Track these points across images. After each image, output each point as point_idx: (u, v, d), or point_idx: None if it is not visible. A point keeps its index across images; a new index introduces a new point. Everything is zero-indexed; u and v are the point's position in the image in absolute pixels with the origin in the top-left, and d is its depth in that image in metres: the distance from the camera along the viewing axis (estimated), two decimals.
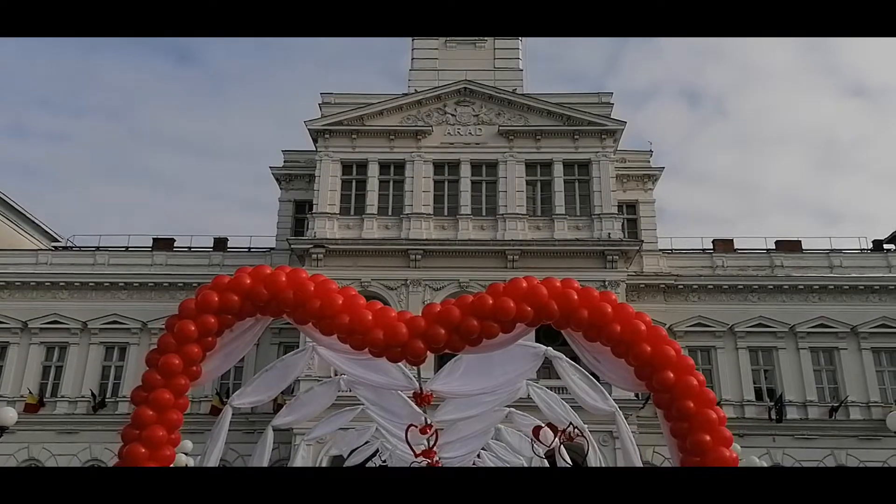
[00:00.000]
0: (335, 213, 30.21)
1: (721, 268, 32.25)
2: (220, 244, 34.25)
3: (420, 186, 30.49)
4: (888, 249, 34.00)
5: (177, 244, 34.46)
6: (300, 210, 33.53)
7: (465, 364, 7.33)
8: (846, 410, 29.78)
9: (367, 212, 30.25)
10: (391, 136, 31.23)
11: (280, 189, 34.50)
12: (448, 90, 31.74)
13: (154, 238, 34.69)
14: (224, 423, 7.09)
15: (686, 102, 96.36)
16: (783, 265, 32.08)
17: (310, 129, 31.20)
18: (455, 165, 31.14)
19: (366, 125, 31.33)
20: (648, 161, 34.64)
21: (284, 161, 34.89)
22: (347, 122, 31.22)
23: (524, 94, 32.36)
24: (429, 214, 30.18)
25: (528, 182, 30.99)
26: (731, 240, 34.17)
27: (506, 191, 30.43)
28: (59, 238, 38.32)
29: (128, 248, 34.42)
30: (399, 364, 6.72)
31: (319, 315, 5.29)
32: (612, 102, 32.19)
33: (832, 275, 31.60)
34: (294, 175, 34.25)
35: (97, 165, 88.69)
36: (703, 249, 33.74)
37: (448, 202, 30.73)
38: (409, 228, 29.81)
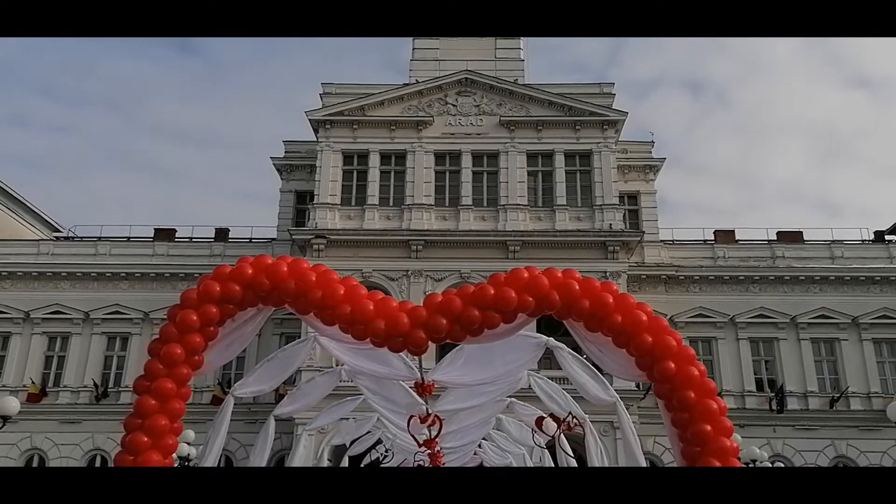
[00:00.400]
0: (336, 204, 30.21)
1: (722, 259, 32.26)
2: (222, 235, 34.28)
3: (421, 177, 30.47)
4: (889, 240, 33.99)
5: (178, 235, 34.51)
6: (301, 200, 33.52)
7: (467, 354, 7.34)
8: (847, 401, 29.84)
9: (369, 202, 30.25)
10: (392, 127, 31.19)
11: (281, 179, 34.47)
12: (449, 80, 31.67)
13: (155, 229, 34.71)
14: (226, 413, 7.11)
15: (688, 93, 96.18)
16: (784, 256, 32.07)
17: (311, 120, 31.16)
18: (456, 156, 31.10)
19: (367, 115, 31.28)
20: (650, 152, 34.60)
21: (285, 151, 34.85)
22: (348, 113, 31.17)
23: (525, 85, 32.28)
24: (430, 205, 30.18)
25: (530, 173, 30.96)
26: (733, 231, 34.17)
27: (507, 181, 30.40)
28: (61, 228, 38.34)
29: (129, 239, 34.49)
30: (400, 354, 6.73)
31: (321, 305, 5.29)
32: (614, 93, 32.14)
33: (833, 266, 31.60)
34: (295, 165, 34.21)
35: (98, 156, 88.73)
36: (705, 240, 33.75)
37: (449, 193, 30.72)
38: (411, 219, 29.81)
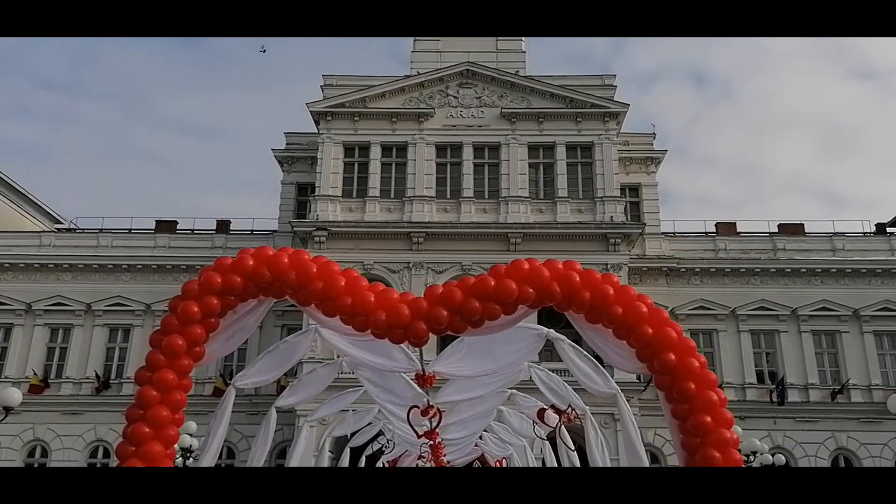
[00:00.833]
0: (337, 196, 30.21)
1: (723, 251, 32.24)
2: (223, 227, 34.30)
3: (422, 169, 30.46)
4: (891, 233, 33.97)
5: (179, 227, 34.52)
6: (302, 193, 33.52)
7: (467, 346, 7.34)
8: (847, 393, 29.87)
9: (370, 194, 30.24)
10: (393, 119, 31.15)
11: (282, 171, 34.43)
12: (450, 72, 31.61)
13: (157, 220, 34.74)
14: (227, 404, 7.11)
15: (692, 85, 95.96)
16: (786, 248, 32.06)
17: (311, 112, 31.12)
18: (457, 148, 31.06)
19: (368, 107, 31.24)
20: (651, 144, 34.54)
21: (286, 143, 34.80)
22: (349, 105, 31.13)
23: (527, 77, 32.22)
24: (431, 197, 30.17)
25: (531, 165, 30.94)
26: (734, 223, 34.16)
27: (508, 173, 30.38)
28: (63, 220, 38.38)
29: (130, 231, 34.51)
30: (401, 346, 6.74)
31: (322, 296, 5.30)
32: (616, 85, 32.08)
33: (834, 258, 31.59)
34: (296, 157, 34.15)
35: (99, 148, 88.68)
36: (706, 233, 33.75)
37: (450, 185, 30.70)
38: (412, 211, 29.81)
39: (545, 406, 10.31)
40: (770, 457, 21.39)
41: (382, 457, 18.25)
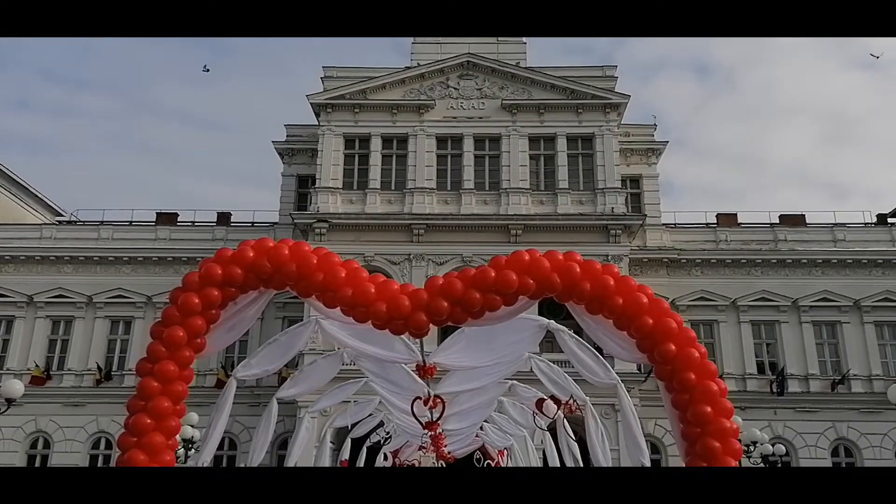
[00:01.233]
0: (338, 188, 30.18)
1: (724, 242, 32.22)
2: (224, 219, 34.29)
3: (423, 161, 30.42)
4: (892, 223, 33.92)
5: (180, 219, 34.54)
6: (303, 184, 33.48)
7: (468, 337, 7.36)
8: (848, 384, 29.89)
9: (370, 186, 30.21)
10: (394, 110, 31.09)
11: (283, 163, 34.38)
12: (451, 64, 31.53)
13: (157, 212, 34.74)
14: (228, 396, 7.14)
15: (694, 75, 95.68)
16: (786, 239, 32.03)
17: (312, 103, 31.06)
18: (458, 139, 31.01)
19: (368, 99, 31.17)
20: (652, 135, 34.46)
21: (287, 135, 34.73)
22: (350, 96, 31.06)
23: (527, 68, 32.13)
24: (432, 189, 30.14)
25: (532, 156, 30.89)
26: (735, 214, 34.13)
27: (509, 165, 30.34)
28: (63, 212, 38.37)
29: (131, 223, 34.54)
30: (402, 337, 6.75)
31: (323, 288, 5.31)
32: (616, 76, 32.00)
33: (835, 248, 31.57)
34: (296, 149, 34.09)
35: (100, 140, 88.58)
36: (707, 224, 33.71)
37: (451, 176, 30.66)
38: (413, 203, 29.79)
39: (545, 397, 10.35)
40: (770, 447, 21.41)
41: (383, 447, 18.31)
